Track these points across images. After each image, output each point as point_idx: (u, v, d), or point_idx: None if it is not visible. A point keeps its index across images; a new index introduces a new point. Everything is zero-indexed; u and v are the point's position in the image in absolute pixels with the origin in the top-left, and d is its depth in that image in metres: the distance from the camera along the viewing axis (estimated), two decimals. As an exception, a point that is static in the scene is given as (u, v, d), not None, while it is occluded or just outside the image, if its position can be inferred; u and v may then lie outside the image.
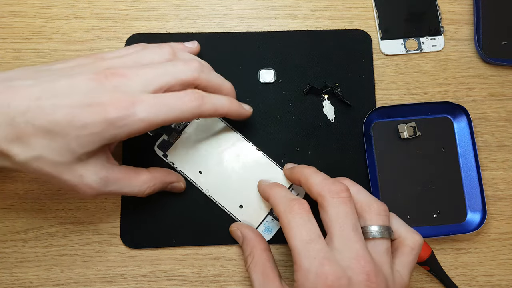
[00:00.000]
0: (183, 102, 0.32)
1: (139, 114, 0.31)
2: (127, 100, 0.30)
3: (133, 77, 0.31)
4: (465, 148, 0.42)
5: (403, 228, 0.34)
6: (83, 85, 0.30)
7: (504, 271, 0.40)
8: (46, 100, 0.29)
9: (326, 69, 0.43)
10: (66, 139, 0.30)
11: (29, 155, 0.29)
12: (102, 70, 0.31)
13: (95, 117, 0.30)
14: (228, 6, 0.44)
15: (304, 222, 0.31)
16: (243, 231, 0.38)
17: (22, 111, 0.29)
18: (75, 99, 0.30)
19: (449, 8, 0.45)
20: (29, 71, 0.32)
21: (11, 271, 0.39)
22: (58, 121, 0.29)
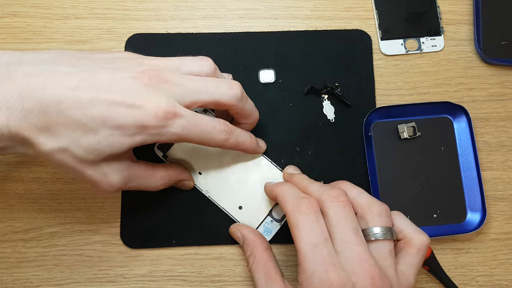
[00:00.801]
0: (214, 131, 0.32)
1: (174, 129, 0.30)
2: (168, 110, 0.29)
3: (175, 85, 0.31)
4: (465, 148, 0.42)
5: (409, 228, 0.33)
6: (125, 82, 0.29)
7: (504, 271, 0.40)
8: (84, 91, 0.28)
9: (326, 69, 0.43)
10: (97, 137, 0.28)
11: (55, 146, 0.28)
12: (146, 70, 0.30)
13: (132, 120, 0.29)
14: (228, 6, 0.44)
15: (312, 223, 0.31)
16: (243, 232, 0.38)
17: (57, 100, 0.27)
18: (116, 97, 0.28)
19: (449, 8, 0.45)
20: (68, 55, 0.30)
21: (11, 271, 0.39)
22: (94, 116, 0.28)
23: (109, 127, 0.28)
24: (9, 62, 0.28)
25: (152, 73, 0.30)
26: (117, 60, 0.31)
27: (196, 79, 0.32)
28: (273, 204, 0.40)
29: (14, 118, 0.27)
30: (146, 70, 0.30)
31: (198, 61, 0.34)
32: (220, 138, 0.33)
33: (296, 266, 0.40)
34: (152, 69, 0.30)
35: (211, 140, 0.33)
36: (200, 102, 0.32)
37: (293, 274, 0.39)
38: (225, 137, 0.33)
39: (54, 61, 0.29)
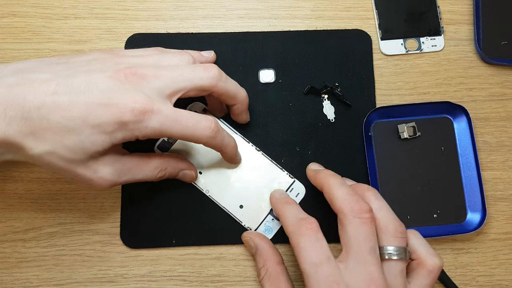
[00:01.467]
0: (197, 127, 0.32)
1: (152, 124, 0.30)
2: (145, 106, 0.30)
3: (151, 79, 0.31)
4: (465, 148, 0.42)
5: (423, 248, 0.33)
6: (101, 82, 0.30)
7: (504, 271, 0.40)
8: (62, 95, 0.29)
9: (326, 69, 0.43)
10: (80, 136, 0.29)
11: (43, 150, 0.29)
12: (121, 68, 0.31)
13: (110, 117, 0.29)
14: (228, 6, 0.44)
15: (313, 244, 0.31)
16: (256, 242, 0.37)
17: (37, 106, 0.28)
18: (92, 97, 0.29)
19: (449, 8, 0.45)
20: (44, 63, 0.31)
21: (11, 271, 0.39)
22: (73, 117, 0.29)
23: (89, 126, 0.29)
24: None
25: (128, 71, 0.30)
26: (94, 61, 0.32)
27: (172, 68, 0.32)
28: None
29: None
30: (122, 68, 0.31)
31: (176, 54, 0.34)
32: (205, 134, 0.32)
33: (296, 266, 0.40)
34: (128, 66, 0.31)
35: (194, 136, 0.32)
36: (181, 91, 0.32)
37: (294, 274, 0.39)
38: (210, 134, 0.32)
39: (32, 69, 0.30)
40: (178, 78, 0.32)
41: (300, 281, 0.39)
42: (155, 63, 0.33)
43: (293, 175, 0.40)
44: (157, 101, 0.31)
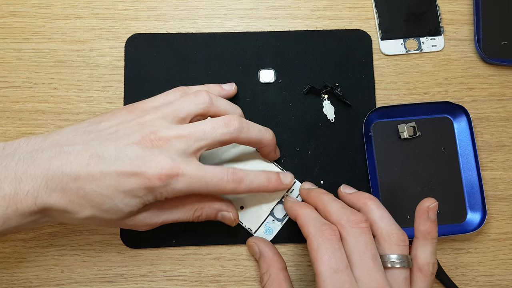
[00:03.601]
0: (221, 182, 0.34)
1: (179, 186, 0.32)
2: (170, 171, 0.32)
3: (175, 142, 0.33)
4: (465, 148, 0.42)
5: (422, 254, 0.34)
6: (130, 150, 0.32)
7: (504, 271, 0.40)
8: (95, 166, 0.31)
9: (326, 69, 0.43)
10: (114, 201, 0.32)
11: (83, 216, 0.32)
12: (147, 134, 0.33)
13: (140, 185, 0.31)
14: (228, 6, 0.44)
15: (335, 250, 0.31)
16: (260, 247, 0.38)
17: (73, 178, 0.31)
18: (122, 166, 0.31)
19: (449, 8, 0.45)
20: (77, 133, 0.34)
21: (11, 271, 0.39)
22: (107, 186, 0.31)
23: (121, 192, 0.32)
24: (32, 149, 0.32)
25: (153, 136, 0.33)
26: (120, 125, 0.34)
27: (194, 128, 0.34)
28: (274, 203, 0.40)
29: (41, 198, 0.31)
30: (147, 134, 0.33)
31: (193, 99, 0.35)
32: (229, 188, 0.34)
33: (297, 266, 0.40)
34: (152, 131, 0.33)
35: (219, 191, 0.34)
36: (204, 147, 0.34)
37: (294, 274, 0.39)
38: (233, 186, 0.34)
39: (68, 142, 0.33)
40: (200, 137, 0.33)
41: (300, 281, 0.39)
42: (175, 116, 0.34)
43: (293, 175, 0.40)
44: (182, 162, 0.32)
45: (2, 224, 0.31)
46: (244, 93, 0.42)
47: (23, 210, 0.31)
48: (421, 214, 0.35)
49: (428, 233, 0.34)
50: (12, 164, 0.31)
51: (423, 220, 0.35)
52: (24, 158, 0.32)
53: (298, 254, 0.40)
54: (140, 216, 0.34)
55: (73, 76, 0.42)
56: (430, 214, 0.35)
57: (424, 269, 0.33)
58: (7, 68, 0.42)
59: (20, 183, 0.31)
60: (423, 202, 0.35)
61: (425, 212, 0.35)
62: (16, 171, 0.31)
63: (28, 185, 0.31)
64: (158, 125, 0.34)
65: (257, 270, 0.39)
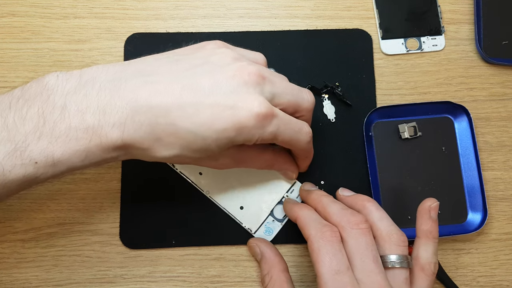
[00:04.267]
0: (302, 132, 0.33)
1: (271, 128, 0.31)
2: (267, 111, 0.30)
3: (268, 83, 0.31)
4: (466, 148, 0.41)
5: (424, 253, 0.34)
6: (225, 83, 0.30)
7: (505, 271, 0.40)
8: (187, 99, 0.29)
9: (326, 68, 0.43)
10: (207, 141, 0.30)
11: (170, 153, 0.30)
12: (245, 66, 0.31)
13: (234, 121, 0.29)
14: (228, 5, 0.44)
15: (335, 251, 0.31)
16: (262, 249, 0.37)
17: (164, 112, 0.28)
18: (218, 100, 0.29)
19: (450, 7, 0.45)
20: (164, 62, 0.31)
21: (10, 271, 0.39)
22: (200, 123, 0.29)
23: (215, 132, 0.29)
24: (114, 78, 0.29)
25: (251, 69, 0.30)
26: (213, 57, 0.31)
27: (285, 80, 0.33)
28: (274, 204, 0.40)
29: (127, 132, 0.28)
30: (245, 66, 0.31)
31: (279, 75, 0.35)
32: (305, 139, 0.33)
33: (297, 266, 0.39)
34: (249, 64, 0.31)
35: (298, 141, 0.33)
36: (286, 103, 0.32)
37: (294, 275, 0.39)
38: (309, 139, 0.34)
39: (153, 71, 0.30)
40: (288, 90, 0.33)
41: (300, 282, 0.39)
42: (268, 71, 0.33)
43: None
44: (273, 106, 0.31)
45: (84, 159, 0.28)
46: (244, 93, 0.42)
47: (107, 145, 0.28)
48: (423, 213, 0.35)
49: (430, 232, 0.34)
50: (93, 93, 0.28)
51: (425, 219, 0.35)
52: (106, 87, 0.29)
53: (298, 254, 0.40)
54: (223, 159, 0.33)
55: (73, 76, 0.42)
56: (431, 213, 0.35)
57: (426, 268, 0.33)
58: (6, 68, 0.42)
59: (104, 115, 0.28)
60: (425, 201, 0.35)
61: (427, 211, 0.35)
62: (99, 101, 0.28)
63: (114, 117, 0.28)
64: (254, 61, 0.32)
65: (257, 270, 0.39)
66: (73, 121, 0.28)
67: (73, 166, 0.29)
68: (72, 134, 0.28)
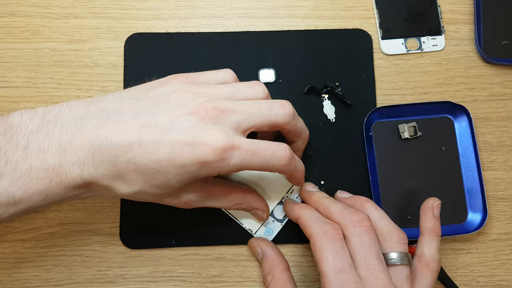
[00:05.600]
0: (275, 157, 0.32)
1: (234, 160, 0.30)
2: (226, 144, 0.30)
3: (230, 114, 0.31)
4: (466, 148, 0.41)
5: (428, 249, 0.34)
6: (183, 120, 0.30)
7: (505, 271, 0.40)
8: (147, 136, 0.29)
9: (326, 68, 0.43)
10: (166, 176, 0.30)
11: (131, 191, 0.30)
12: (202, 103, 0.31)
13: (194, 157, 0.29)
14: (228, 5, 0.44)
15: (339, 249, 0.31)
16: (263, 248, 0.37)
17: (124, 150, 0.29)
18: (176, 137, 0.29)
19: (450, 7, 0.45)
20: (124, 100, 0.31)
21: (10, 271, 0.39)
22: (160, 160, 0.29)
23: (175, 167, 0.29)
24: (76, 116, 0.30)
25: (209, 106, 0.30)
26: (173, 95, 0.32)
27: (250, 103, 0.32)
28: (274, 204, 0.40)
29: (87, 170, 0.29)
30: (202, 103, 0.31)
31: (253, 86, 0.34)
32: (281, 164, 0.32)
33: (297, 266, 0.39)
34: (207, 100, 0.31)
35: (272, 166, 0.32)
36: (256, 126, 0.32)
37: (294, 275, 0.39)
38: (286, 162, 0.32)
39: (116, 110, 0.31)
40: (255, 113, 0.32)
41: (300, 282, 0.39)
42: (231, 95, 0.33)
43: None
44: (235, 136, 0.31)
45: (44, 198, 0.29)
46: (244, 93, 0.42)
47: (67, 184, 0.29)
48: (427, 211, 0.36)
49: (434, 230, 0.35)
50: (55, 133, 0.29)
51: (429, 217, 0.35)
52: (68, 125, 0.29)
53: (298, 254, 0.40)
54: (186, 196, 0.33)
55: (73, 76, 0.42)
56: (435, 211, 0.36)
57: (430, 265, 0.34)
58: (6, 68, 0.42)
59: (65, 154, 0.28)
60: (428, 200, 0.36)
61: (430, 209, 0.36)
62: (61, 140, 0.29)
63: (74, 156, 0.28)
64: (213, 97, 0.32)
65: (257, 270, 0.39)
66: (35, 161, 0.29)
67: (34, 205, 0.29)
68: (33, 174, 0.28)
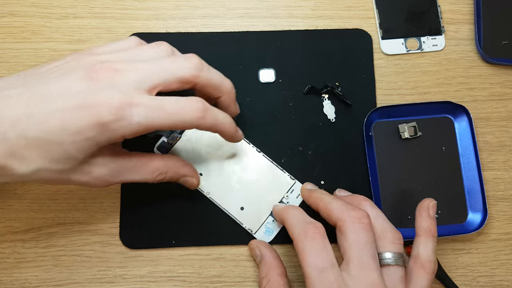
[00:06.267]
0: (184, 111, 0.30)
1: (135, 118, 0.28)
2: (122, 101, 0.28)
3: (126, 73, 0.29)
4: (466, 148, 0.41)
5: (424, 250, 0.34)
6: (73, 85, 0.28)
7: (505, 271, 0.40)
8: (35, 107, 0.27)
9: (327, 68, 0.43)
10: (62, 146, 0.28)
11: (28, 169, 0.28)
12: (93, 66, 0.29)
13: (88, 120, 0.28)
14: (228, 5, 0.44)
15: (319, 248, 0.30)
16: (262, 251, 0.37)
17: (12, 124, 0.27)
18: (66, 102, 0.28)
19: (450, 7, 0.45)
20: (18, 77, 0.30)
21: (10, 271, 0.39)
22: (51, 129, 0.27)
23: (69, 134, 0.28)
24: None
25: (99, 67, 0.29)
26: (64, 65, 0.30)
27: (150, 61, 0.30)
28: (274, 204, 0.40)
29: None
30: (93, 65, 0.29)
31: (154, 46, 0.32)
32: (194, 116, 0.30)
33: (296, 267, 0.39)
34: (99, 62, 0.29)
35: (184, 121, 0.30)
36: (163, 83, 0.30)
37: (293, 275, 0.39)
38: (200, 114, 0.30)
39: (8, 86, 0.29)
40: (156, 69, 0.30)
41: (298, 282, 0.39)
42: (132, 58, 0.31)
43: (293, 175, 0.40)
44: (135, 94, 0.29)
45: None
46: (244, 93, 0.42)
47: None
48: (422, 211, 0.35)
49: (429, 230, 0.34)
50: None
51: (424, 217, 0.35)
52: None
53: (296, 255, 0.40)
54: (96, 170, 0.30)
55: (73, 75, 0.42)
56: (430, 211, 0.35)
57: (426, 266, 0.33)
58: (6, 67, 0.42)
59: None
60: (423, 201, 0.36)
61: (426, 209, 0.35)
62: None
63: None
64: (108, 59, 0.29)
65: (257, 271, 0.39)
66: None
67: None
68: None
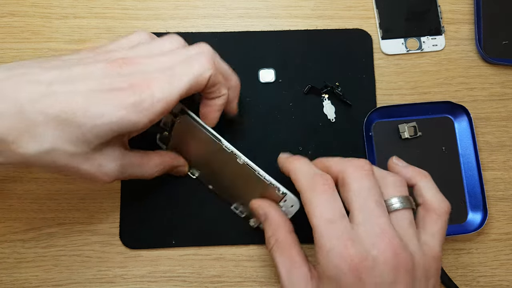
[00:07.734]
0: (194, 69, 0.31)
1: (157, 94, 0.29)
2: (144, 82, 0.28)
3: (147, 64, 0.30)
4: (466, 148, 0.41)
5: (430, 194, 0.32)
6: (98, 71, 0.28)
7: (505, 271, 0.40)
8: (59, 85, 0.27)
9: (326, 68, 0.43)
10: (82, 129, 0.27)
11: (41, 148, 0.27)
12: (115, 59, 0.29)
13: (113, 104, 0.27)
14: (228, 5, 0.44)
15: (328, 200, 0.29)
16: (266, 210, 0.35)
17: (33, 98, 0.26)
18: (91, 85, 0.27)
19: (450, 7, 0.45)
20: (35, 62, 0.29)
21: (10, 271, 0.39)
22: (73, 110, 0.27)
23: (92, 118, 0.27)
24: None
25: (122, 61, 0.29)
26: (86, 58, 0.30)
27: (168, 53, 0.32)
28: None
29: None
30: (116, 59, 0.29)
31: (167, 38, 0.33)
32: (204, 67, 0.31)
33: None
34: (121, 57, 0.30)
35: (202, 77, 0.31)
36: None
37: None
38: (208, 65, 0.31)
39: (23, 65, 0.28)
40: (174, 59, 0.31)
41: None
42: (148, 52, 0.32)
43: None
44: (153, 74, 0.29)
45: None
46: (244, 93, 0.41)
47: None
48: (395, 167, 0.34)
49: (417, 173, 0.32)
50: None
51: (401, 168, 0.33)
52: None
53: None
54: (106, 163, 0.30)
55: (73, 75, 0.42)
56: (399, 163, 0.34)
57: (436, 207, 0.31)
58: (6, 67, 0.42)
59: None
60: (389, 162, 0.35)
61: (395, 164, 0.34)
62: None
63: None
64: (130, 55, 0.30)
65: (257, 270, 0.39)
66: None
67: None
68: None
